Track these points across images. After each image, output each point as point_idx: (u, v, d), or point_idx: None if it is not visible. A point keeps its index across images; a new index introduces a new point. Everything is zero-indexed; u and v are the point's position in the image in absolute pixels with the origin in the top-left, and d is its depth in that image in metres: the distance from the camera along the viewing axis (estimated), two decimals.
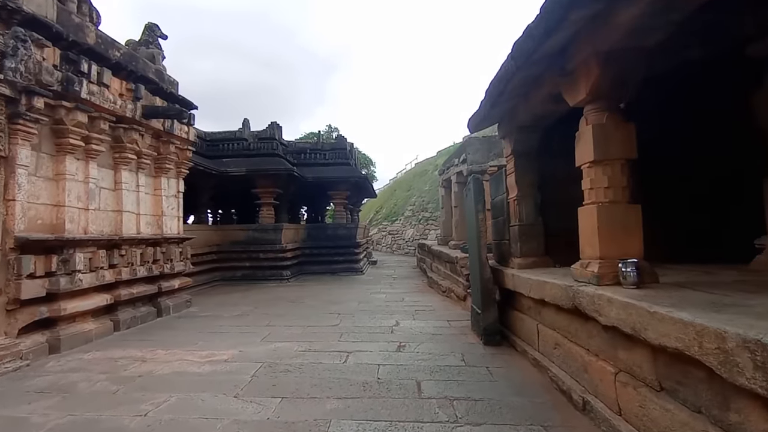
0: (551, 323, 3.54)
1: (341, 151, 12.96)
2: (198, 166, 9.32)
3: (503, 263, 5.02)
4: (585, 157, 2.90)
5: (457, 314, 6.25)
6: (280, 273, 10.64)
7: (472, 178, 4.78)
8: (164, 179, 6.64)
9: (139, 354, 4.29)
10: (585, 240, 2.92)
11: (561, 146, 4.96)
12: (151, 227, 6.34)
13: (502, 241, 5.14)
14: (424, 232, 20.97)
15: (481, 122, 4.62)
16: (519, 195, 4.64)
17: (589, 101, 2.86)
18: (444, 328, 5.37)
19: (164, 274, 6.38)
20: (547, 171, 4.76)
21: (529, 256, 4.57)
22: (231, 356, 4.18)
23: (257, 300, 7.85)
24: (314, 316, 6.20)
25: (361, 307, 6.99)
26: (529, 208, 4.65)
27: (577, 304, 2.79)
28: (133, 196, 5.87)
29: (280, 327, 5.53)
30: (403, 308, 6.88)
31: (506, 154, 4.88)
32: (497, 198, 5.35)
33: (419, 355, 4.19)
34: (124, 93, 5.54)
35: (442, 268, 9.00)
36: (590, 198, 2.88)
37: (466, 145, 7.71)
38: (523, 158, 4.65)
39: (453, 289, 7.63)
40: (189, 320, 6.07)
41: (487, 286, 4.67)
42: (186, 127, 6.93)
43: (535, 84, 3.51)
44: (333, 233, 12.73)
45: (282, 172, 10.75)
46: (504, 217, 5.07)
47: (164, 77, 6.60)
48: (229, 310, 6.76)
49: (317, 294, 8.52)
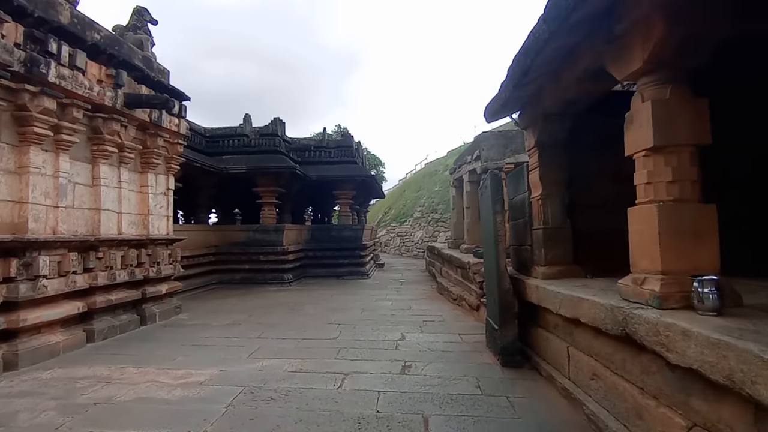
0: (587, 348, 2.92)
1: (347, 149, 12.36)
2: (194, 162, 8.83)
3: (524, 272, 4.39)
4: (640, 144, 2.27)
5: (469, 326, 5.63)
6: (281, 276, 10.10)
7: (489, 174, 4.16)
8: (151, 175, 6.13)
9: (105, 372, 3.75)
10: (639, 249, 2.29)
11: (593, 137, 4.35)
12: (136, 227, 5.83)
13: (523, 246, 4.51)
14: (434, 234, 20.31)
15: (500, 109, 4.00)
16: (544, 194, 4.02)
17: (647, 71, 2.23)
18: (455, 344, 4.76)
19: (149, 278, 5.86)
20: (576, 166, 4.15)
21: (555, 265, 3.94)
22: (209, 377, 3.61)
23: (253, 306, 7.31)
24: (312, 327, 5.63)
25: (364, 316, 6.41)
26: (555, 208, 4.02)
27: (630, 331, 2.17)
28: (113, 193, 5.36)
29: (272, 340, 4.96)
30: (410, 318, 6.28)
31: (528, 146, 4.26)
32: (517, 197, 4.73)
33: (427, 379, 3.59)
34: (103, 79, 5.03)
35: (453, 273, 8.37)
36: (647, 195, 2.24)
37: (480, 141, 7.07)
38: (548, 151, 4.02)
39: (465, 297, 7.00)
40: (174, 330, 5.53)
41: (505, 299, 4.05)
42: (176, 120, 6.41)
43: (570, 57, 2.89)
44: (338, 235, 12.15)
45: (284, 170, 10.20)
46: (525, 219, 4.45)
47: (153, 65, 6.09)
48: (221, 318, 6.22)
49: (318, 300, 7.95)
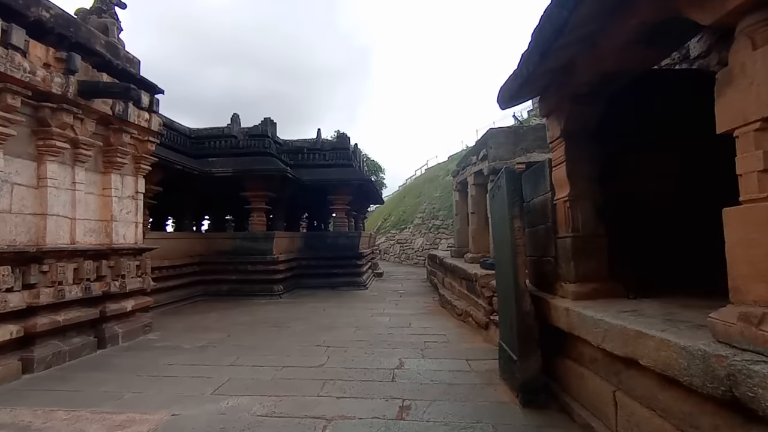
0: (649, 400, 2.16)
1: (343, 151, 11.63)
2: (175, 164, 8.11)
3: (546, 289, 3.64)
4: (748, 111, 1.54)
5: (477, 349, 4.87)
6: (271, 288, 9.32)
7: (504, 172, 3.43)
8: (116, 176, 5.40)
9: (27, 419, 2.99)
10: (750, 269, 1.54)
11: (630, 124, 3.61)
12: (95, 235, 5.09)
13: (544, 258, 3.76)
14: (435, 241, 19.54)
15: (519, 90, 3.26)
16: (572, 194, 3.28)
17: (760, 3, 1.51)
18: (463, 374, 3.99)
19: (111, 294, 5.10)
20: (609, 160, 3.42)
21: (587, 281, 3.20)
22: (154, 427, 2.85)
23: (235, 323, 6.54)
24: (296, 351, 4.87)
25: (358, 335, 5.64)
26: (586, 212, 3.28)
27: (744, 396, 1.43)
28: (65, 196, 4.62)
29: (247, 368, 4.20)
30: (410, 338, 5.51)
31: (552, 137, 3.53)
32: (535, 200, 3.99)
33: (430, 427, 2.84)
34: (51, 63, 4.32)
35: (457, 285, 7.61)
36: (762, 189, 1.50)
37: (488, 139, 6.36)
38: (578, 142, 3.29)
39: (471, 313, 6.24)
40: (136, 354, 4.77)
41: (526, 323, 3.30)
42: (147, 114, 5.70)
43: (623, 8, 2.16)
44: (333, 243, 11.39)
45: (274, 172, 9.47)
46: (547, 226, 3.71)
47: (118, 52, 5.39)
48: (195, 338, 5.45)
49: (309, 315, 7.18)
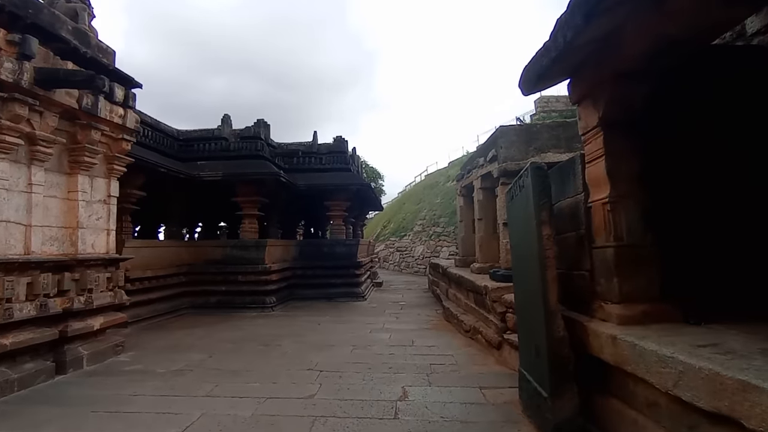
0: None
1: (340, 155, 11.06)
2: (158, 167, 7.53)
3: (579, 309, 3.05)
4: None
5: (491, 374, 4.27)
6: (263, 300, 8.69)
7: (530, 168, 2.85)
8: (84, 178, 4.81)
9: None
10: None
11: (684, 111, 3.03)
12: (58, 245, 4.49)
13: (576, 272, 3.17)
14: (436, 249, 18.93)
15: (550, 67, 2.67)
16: (613, 195, 2.71)
17: None
18: (478, 407, 3.38)
19: (74, 311, 4.49)
20: (656, 155, 2.85)
21: (635, 302, 2.61)
22: None
23: (220, 341, 5.92)
24: (284, 376, 4.25)
25: (354, 356, 5.03)
26: (631, 216, 2.71)
27: None
28: (19, 199, 4.03)
29: (225, 400, 3.58)
30: (413, 359, 4.90)
31: (585, 127, 2.96)
32: (563, 203, 3.41)
33: None
34: (1, 46, 3.77)
35: (463, 298, 7.00)
36: None
37: (497, 137, 5.79)
38: (620, 132, 2.73)
39: (480, 330, 5.63)
40: (99, 382, 4.14)
41: (559, 353, 2.70)
42: (121, 110, 5.13)
43: None
44: (330, 251, 10.78)
45: (266, 176, 8.89)
46: (578, 233, 3.12)
47: (89, 40, 4.83)
48: (172, 360, 4.83)
49: (302, 331, 6.56)
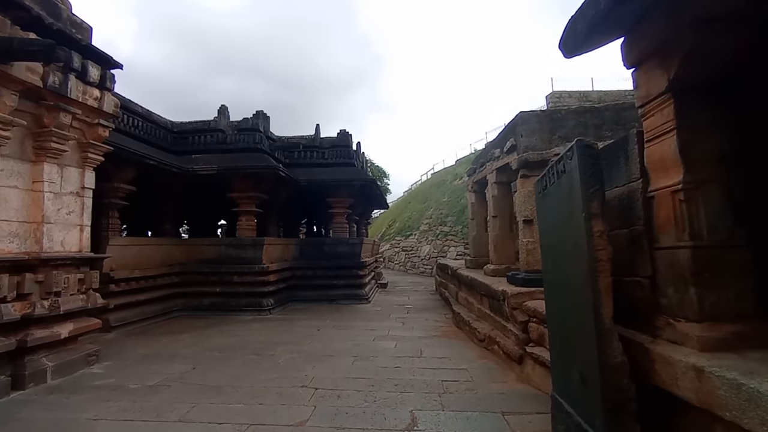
0: None
1: (343, 149, 10.47)
2: (148, 159, 6.98)
3: (635, 326, 2.43)
4: None
5: (513, 393, 3.65)
6: (259, 302, 8.13)
7: (576, 147, 2.23)
8: (52, 167, 4.26)
9: None
10: None
11: None
12: (19, 241, 3.94)
13: (628, 279, 2.55)
14: (443, 249, 18.29)
15: (605, 17, 2.03)
16: (688, 181, 2.08)
17: None
18: None
19: (36, 317, 3.94)
20: (752, 128, 2.21)
21: (722, 320, 1.98)
22: None
23: (207, 349, 5.35)
24: (273, 395, 3.66)
25: (355, 370, 4.43)
26: (715, 208, 2.08)
27: None
28: None
29: (200, 427, 3.01)
30: (423, 374, 4.29)
31: (647, 96, 2.33)
32: (610, 193, 2.78)
33: None
34: None
35: (476, 302, 6.38)
36: None
37: (517, 125, 5.16)
38: (699, 98, 2.10)
39: (497, 340, 5.01)
40: (59, 400, 3.58)
41: (616, 385, 2.08)
42: (96, 91, 4.57)
43: None
44: (332, 250, 10.19)
45: (264, 170, 8.32)
46: (633, 230, 2.50)
47: (59, 12, 4.28)
48: (150, 373, 4.26)
49: (298, 338, 5.97)
